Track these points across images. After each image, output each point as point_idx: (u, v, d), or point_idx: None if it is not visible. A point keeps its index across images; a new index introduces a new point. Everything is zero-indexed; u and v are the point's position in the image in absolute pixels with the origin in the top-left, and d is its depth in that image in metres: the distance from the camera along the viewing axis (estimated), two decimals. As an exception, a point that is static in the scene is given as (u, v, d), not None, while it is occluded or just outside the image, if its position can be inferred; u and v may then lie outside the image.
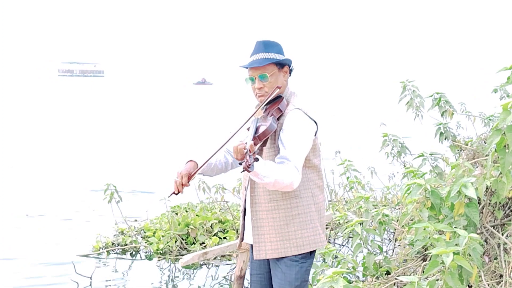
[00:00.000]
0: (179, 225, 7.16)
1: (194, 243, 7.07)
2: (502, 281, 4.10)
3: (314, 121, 3.09)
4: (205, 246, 6.89)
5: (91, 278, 6.07)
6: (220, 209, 7.83)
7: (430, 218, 3.96)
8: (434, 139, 5.97)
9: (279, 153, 3.00)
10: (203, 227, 7.22)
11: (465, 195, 3.64)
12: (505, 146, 3.46)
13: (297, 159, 2.92)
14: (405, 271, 5.05)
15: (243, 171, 2.67)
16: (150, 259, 6.88)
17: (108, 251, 6.97)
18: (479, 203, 4.45)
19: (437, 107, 5.97)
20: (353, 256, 4.95)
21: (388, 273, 5.28)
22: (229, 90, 62.38)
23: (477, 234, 4.24)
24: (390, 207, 7.39)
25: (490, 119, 6.16)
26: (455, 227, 3.64)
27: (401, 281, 4.75)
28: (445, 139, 5.94)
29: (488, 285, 4.09)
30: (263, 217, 3.12)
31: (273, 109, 3.06)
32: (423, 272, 4.22)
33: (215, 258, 6.66)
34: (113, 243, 7.22)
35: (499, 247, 4.33)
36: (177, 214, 7.72)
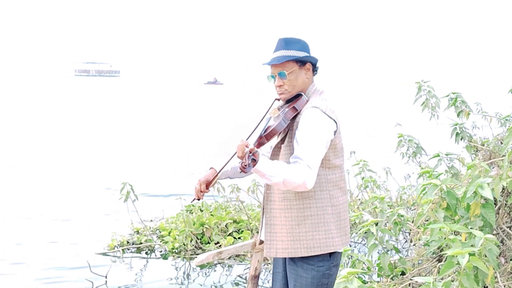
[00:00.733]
0: (194, 225, 7.18)
1: (209, 243, 7.09)
2: (518, 283, 4.07)
3: (333, 120, 3.01)
4: (220, 245, 6.91)
5: (106, 277, 6.11)
6: (234, 209, 7.84)
7: (445, 218, 3.94)
8: (450, 140, 5.95)
9: None
10: (218, 227, 7.24)
11: (481, 196, 3.63)
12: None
13: (311, 158, 2.85)
14: (420, 272, 5.03)
15: (240, 172, 2.67)
16: (165, 258, 6.91)
17: (123, 250, 7.02)
18: (495, 203, 4.43)
19: (451, 107, 5.94)
20: (368, 256, 4.94)
21: (403, 273, 5.26)
22: (241, 90, 62.25)
23: (493, 235, 4.22)
24: (405, 208, 7.36)
25: (506, 120, 6.12)
26: (471, 228, 3.63)
27: (416, 282, 4.73)
28: (461, 139, 5.91)
29: (504, 286, 4.07)
30: (276, 215, 3.09)
31: (289, 108, 3.02)
32: (439, 273, 4.20)
33: (229, 257, 6.68)
34: (128, 242, 7.26)
35: (515, 248, 4.30)
36: (192, 213, 7.75)
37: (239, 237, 7.13)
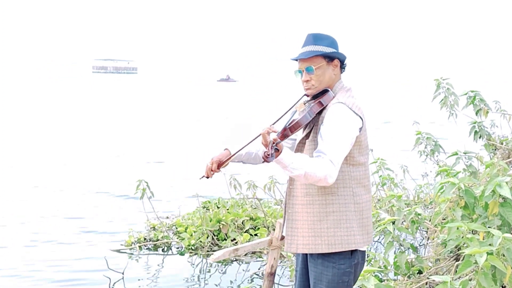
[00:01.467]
0: (210, 221, 7.20)
1: (225, 239, 7.11)
2: (537, 283, 4.04)
3: (359, 116, 2.99)
4: (236, 242, 6.93)
5: (123, 273, 6.14)
6: (251, 206, 7.85)
7: (463, 217, 3.92)
8: (468, 138, 5.90)
9: None
10: (235, 224, 7.26)
11: (500, 195, 3.60)
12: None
13: (334, 153, 2.84)
14: (438, 271, 5.01)
15: (263, 162, 2.66)
16: (182, 254, 6.94)
17: (140, 247, 7.06)
18: (514, 202, 4.39)
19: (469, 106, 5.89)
20: (385, 254, 4.92)
21: (420, 272, 5.23)
22: (255, 87, 62.03)
23: (512, 234, 4.19)
24: (422, 206, 7.33)
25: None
26: (489, 227, 3.60)
27: (433, 281, 4.71)
28: (479, 137, 5.87)
29: (522, 286, 4.04)
30: (298, 210, 3.07)
31: (315, 102, 3.01)
32: (456, 272, 4.18)
33: (246, 254, 6.70)
34: (145, 239, 7.30)
35: (534, 247, 4.26)
36: (209, 210, 7.78)
37: (256, 234, 7.14)
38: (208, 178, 3.18)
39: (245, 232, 7.22)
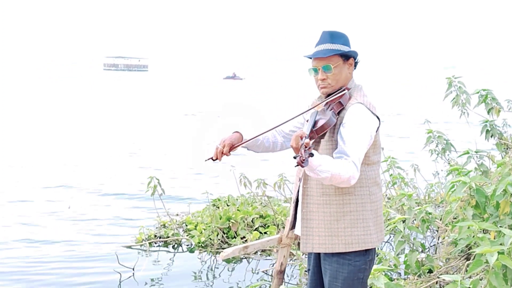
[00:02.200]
0: (220, 219, 7.20)
1: (235, 237, 7.11)
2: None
3: (376, 116, 3.01)
4: (246, 240, 6.93)
5: (133, 269, 6.18)
6: (261, 203, 7.85)
7: (474, 216, 3.90)
8: (480, 137, 5.87)
9: (336, 147, 2.94)
10: (244, 222, 7.26)
11: (511, 194, 3.58)
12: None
13: (357, 155, 2.85)
14: (448, 270, 4.99)
15: (297, 166, 2.58)
16: (191, 251, 6.96)
17: (150, 243, 7.08)
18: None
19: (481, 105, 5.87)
20: (395, 253, 4.91)
21: (430, 271, 5.21)
22: (262, 85, 61.74)
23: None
24: (433, 205, 7.30)
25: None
26: (500, 226, 3.58)
27: (444, 280, 4.69)
28: (491, 136, 5.84)
29: (533, 286, 4.01)
30: (314, 210, 3.05)
31: (334, 103, 2.98)
32: (467, 271, 4.16)
33: (255, 252, 6.70)
34: (155, 236, 7.32)
35: (546, 247, 4.24)
36: (218, 208, 7.78)
37: (265, 232, 7.14)
38: (215, 160, 3.12)
39: (255, 230, 7.21)
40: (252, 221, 7.34)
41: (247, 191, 7.83)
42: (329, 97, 3.05)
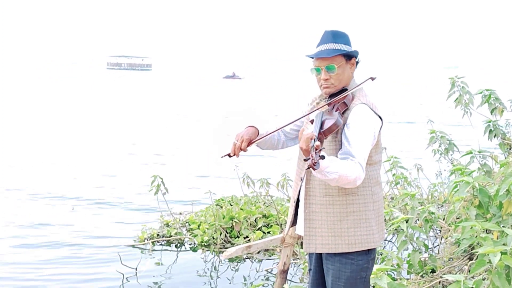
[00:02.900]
0: (223, 218, 7.22)
1: (238, 237, 7.12)
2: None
3: (379, 116, 3.01)
4: (249, 240, 6.93)
5: (136, 269, 6.18)
6: (264, 203, 7.85)
7: (477, 216, 3.90)
8: (483, 137, 5.87)
9: (340, 147, 2.94)
10: (247, 221, 7.27)
11: (514, 194, 3.58)
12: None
13: (362, 156, 2.85)
14: (451, 270, 4.99)
15: (308, 168, 2.53)
16: (194, 250, 6.96)
17: (153, 242, 7.09)
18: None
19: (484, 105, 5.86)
20: (398, 253, 4.91)
21: (433, 271, 5.22)
22: (262, 85, 61.45)
23: (526, 234, 4.16)
24: (436, 205, 7.30)
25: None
26: (503, 226, 3.58)
27: (447, 280, 4.70)
28: (494, 136, 5.83)
29: (536, 286, 4.01)
30: (317, 210, 3.05)
31: (339, 103, 2.97)
32: (469, 271, 4.16)
33: (258, 252, 6.70)
34: (158, 235, 7.33)
35: (549, 248, 4.23)
36: (222, 207, 7.79)
37: (268, 232, 7.14)
38: (231, 157, 3.09)
39: (258, 229, 7.22)
40: (255, 220, 7.35)
41: (251, 190, 7.84)
42: (335, 97, 3.04)
